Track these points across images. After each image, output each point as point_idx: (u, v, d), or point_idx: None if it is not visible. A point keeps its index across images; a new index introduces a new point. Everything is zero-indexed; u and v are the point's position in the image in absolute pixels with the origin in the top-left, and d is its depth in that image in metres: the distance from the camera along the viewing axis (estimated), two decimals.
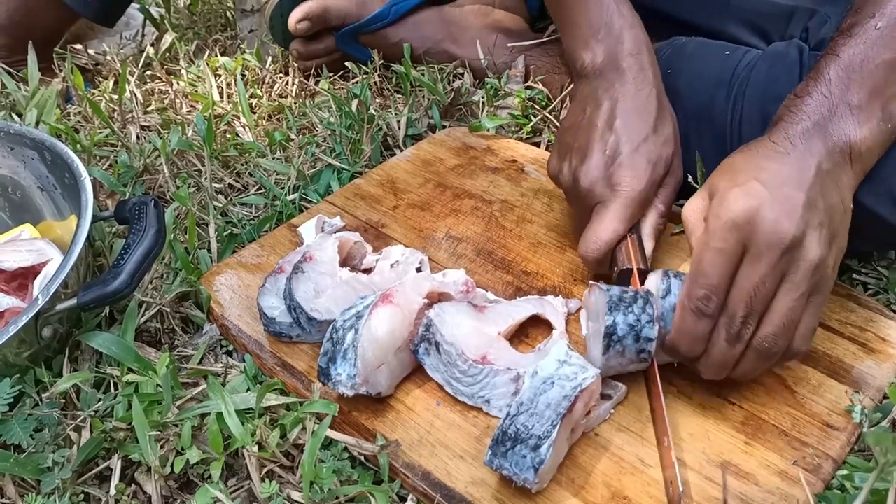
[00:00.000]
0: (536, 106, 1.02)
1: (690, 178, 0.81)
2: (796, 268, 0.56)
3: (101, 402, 0.65)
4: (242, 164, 0.97)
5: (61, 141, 0.79)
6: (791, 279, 0.57)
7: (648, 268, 0.69)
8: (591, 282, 0.64)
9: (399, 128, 1.01)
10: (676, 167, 0.74)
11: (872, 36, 0.61)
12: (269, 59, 1.17)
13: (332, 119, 1.02)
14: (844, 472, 0.58)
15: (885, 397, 0.64)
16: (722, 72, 0.80)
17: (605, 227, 0.69)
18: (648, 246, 0.72)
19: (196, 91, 1.12)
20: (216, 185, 0.93)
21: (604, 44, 0.74)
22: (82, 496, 0.61)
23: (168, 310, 0.73)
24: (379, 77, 1.11)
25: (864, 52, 0.61)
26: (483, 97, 1.04)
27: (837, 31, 0.64)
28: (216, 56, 1.20)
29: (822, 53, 0.63)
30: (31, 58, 1.04)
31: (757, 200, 0.56)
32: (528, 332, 0.70)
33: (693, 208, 0.62)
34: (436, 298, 0.68)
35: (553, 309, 0.70)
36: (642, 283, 0.66)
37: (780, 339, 0.58)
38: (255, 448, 0.61)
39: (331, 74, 1.14)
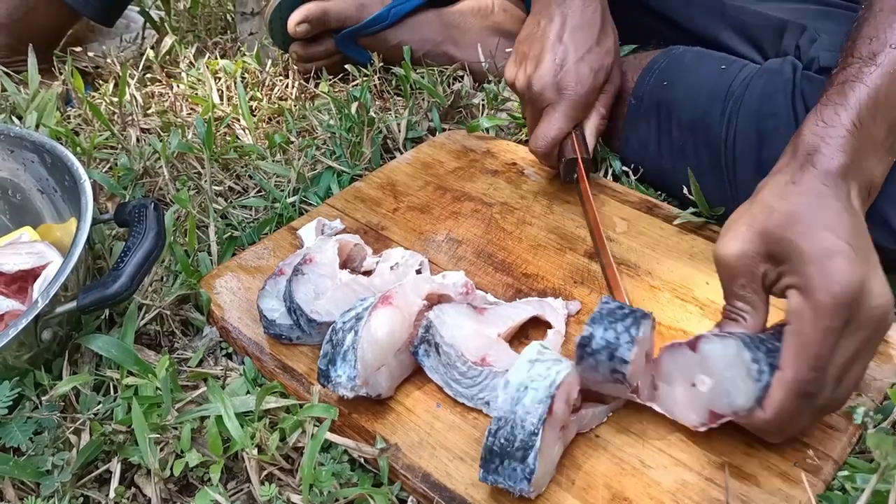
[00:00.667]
0: None
1: (686, 190, 0.81)
2: (877, 333, 0.55)
3: (100, 405, 0.65)
4: (242, 167, 0.97)
5: (61, 144, 0.79)
6: (873, 343, 0.56)
7: (589, 156, 0.83)
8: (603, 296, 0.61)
9: (399, 130, 1.01)
10: (615, 76, 0.86)
11: None
12: (269, 61, 1.17)
13: (331, 122, 1.02)
14: (845, 473, 0.58)
15: (886, 398, 0.64)
16: (717, 87, 0.81)
17: (552, 125, 0.82)
18: (591, 141, 0.85)
19: (196, 94, 1.12)
20: (216, 188, 0.93)
21: None
22: (82, 499, 0.61)
23: (168, 312, 0.73)
24: (379, 79, 1.11)
25: (888, 84, 0.59)
26: (483, 100, 1.04)
27: (856, 57, 0.61)
28: (216, 59, 1.20)
29: (845, 78, 0.60)
30: (31, 60, 1.04)
31: (861, 271, 0.53)
32: (528, 333, 0.70)
33: (739, 253, 0.58)
34: (435, 300, 0.68)
35: (553, 311, 0.70)
36: (586, 170, 0.82)
37: (848, 397, 0.58)
38: (255, 451, 0.61)
39: (330, 77, 1.14)
